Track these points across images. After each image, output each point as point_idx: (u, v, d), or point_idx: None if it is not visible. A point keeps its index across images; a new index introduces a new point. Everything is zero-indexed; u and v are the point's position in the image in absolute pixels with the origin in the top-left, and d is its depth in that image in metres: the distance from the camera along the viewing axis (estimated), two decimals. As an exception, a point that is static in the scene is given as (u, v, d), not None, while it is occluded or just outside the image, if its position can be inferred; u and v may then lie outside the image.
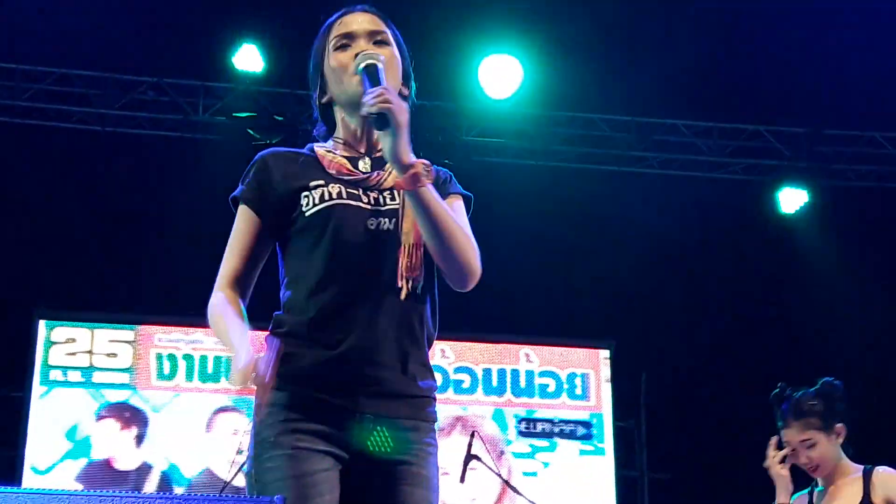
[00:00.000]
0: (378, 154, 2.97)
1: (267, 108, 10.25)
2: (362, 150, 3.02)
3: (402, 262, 2.85)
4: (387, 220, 2.88)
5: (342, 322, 2.83)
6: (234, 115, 10.24)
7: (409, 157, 2.77)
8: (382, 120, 2.74)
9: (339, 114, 3.07)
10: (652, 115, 10.94)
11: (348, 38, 2.99)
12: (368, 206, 2.89)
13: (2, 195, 10.27)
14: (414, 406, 2.89)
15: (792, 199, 11.01)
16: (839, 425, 4.85)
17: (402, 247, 2.85)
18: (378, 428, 2.83)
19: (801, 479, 4.98)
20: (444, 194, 3.01)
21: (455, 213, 2.96)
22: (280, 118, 10.14)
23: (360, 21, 3.02)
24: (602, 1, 9.57)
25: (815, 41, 9.91)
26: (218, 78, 10.39)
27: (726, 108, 10.94)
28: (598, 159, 11.08)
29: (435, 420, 2.97)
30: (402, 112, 2.75)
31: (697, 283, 11.19)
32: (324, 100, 3.08)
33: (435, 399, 2.99)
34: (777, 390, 5.04)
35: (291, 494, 2.71)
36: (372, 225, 2.87)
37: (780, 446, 4.93)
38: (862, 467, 4.82)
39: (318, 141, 3.11)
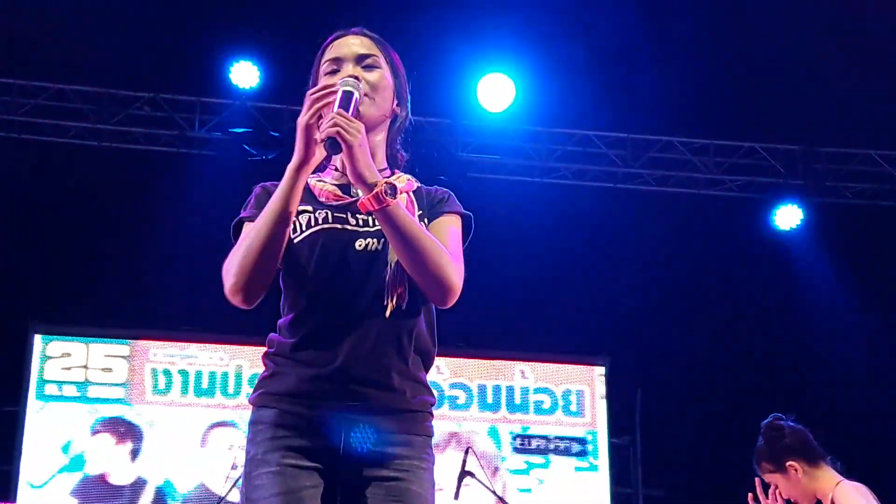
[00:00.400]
0: None
1: (263, 123, 10.27)
2: None
3: (388, 279, 2.86)
4: (374, 240, 2.90)
5: (330, 341, 2.85)
6: (230, 130, 10.26)
7: (372, 177, 2.78)
8: (332, 144, 2.76)
9: None
10: (647, 132, 10.96)
11: (337, 63, 3.02)
12: (356, 228, 2.92)
13: (-3, 209, 10.30)
14: (405, 421, 2.89)
15: (787, 217, 11.02)
16: (790, 463, 4.86)
17: (388, 265, 2.87)
18: (365, 439, 2.84)
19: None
20: (439, 213, 3.04)
21: (445, 231, 2.99)
22: (276, 134, 10.16)
23: (350, 44, 3.04)
24: (597, 18, 9.60)
25: (810, 58, 9.94)
26: (214, 94, 10.42)
27: (722, 125, 10.95)
28: (593, 176, 11.10)
29: (430, 435, 2.97)
30: (353, 134, 2.75)
31: (692, 300, 11.20)
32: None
33: (431, 414, 2.99)
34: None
35: None
36: (360, 246, 2.88)
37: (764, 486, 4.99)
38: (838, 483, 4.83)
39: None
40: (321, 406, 2.82)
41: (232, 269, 2.81)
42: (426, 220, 3.00)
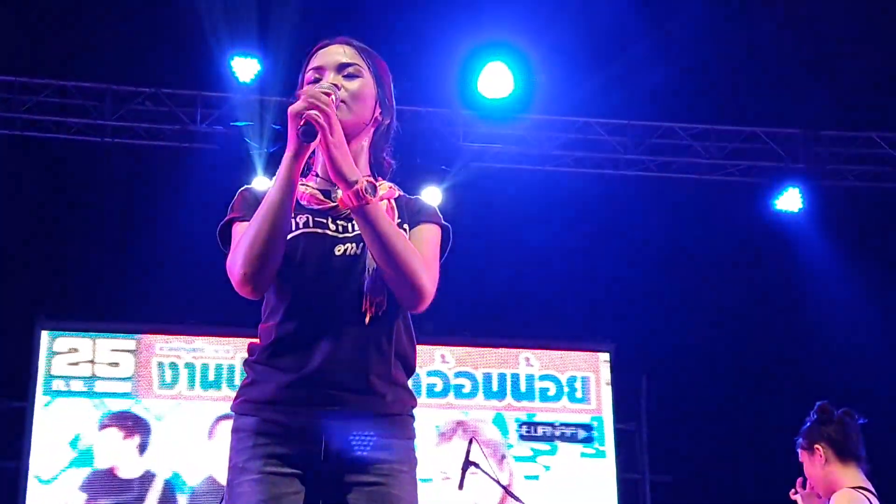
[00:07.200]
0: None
1: (264, 116, 10.27)
2: None
3: (367, 286, 2.88)
4: (353, 245, 2.92)
5: (306, 347, 2.86)
6: (231, 123, 10.27)
7: (352, 175, 2.81)
8: (307, 131, 2.79)
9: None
10: (648, 118, 10.97)
11: (319, 72, 3.06)
12: (336, 234, 2.94)
13: (2, 207, 10.31)
14: (385, 425, 2.91)
15: (789, 201, 11.02)
16: (818, 446, 4.90)
17: (367, 271, 2.89)
18: (345, 444, 2.85)
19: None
20: (418, 221, 3.06)
21: (422, 238, 3.01)
22: (277, 126, 10.17)
23: (332, 53, 3.08)
24: (596, 4, 9.60)
25: (809, 41, 9.94)
26: (215, 87, 10.43)
27: (722, 110, 10.96)
28: (594, 163, 11.11)
29: (411, 437, 2.98)
30: (327, 104, 2.80)
31: (696, 286, 11.21)
32: None
33: (412, 416, 3.01)
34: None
35: None
36: (339, 251, 2.90)
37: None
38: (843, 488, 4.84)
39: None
40: (300, 412, 2.84)
41: (238, 259, 2.82)
42: (406, 228, 3.01)
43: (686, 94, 10.47)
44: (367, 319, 2.87)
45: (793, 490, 5.07)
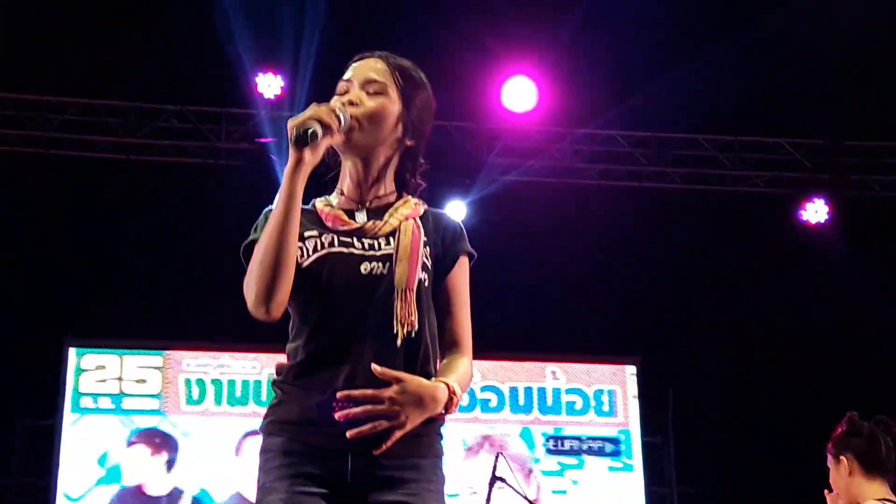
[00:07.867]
0: (374, 203, 3.03)
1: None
2: (360, 199, 3.05)
3: (398, 307, 2.87)
4: (379, 264, 2.90)
5: (332, 366, 2.85)
6: (256, 140, 10.31)
7: (439, 404, 2.90)
8: (298, 138, 2.78)
9: (341, 158, 3.10)
10: (671, 130, 10.96)
11: (348, 84, 3.03)
12: (363, 252, 2.92)
13: (29, 225, 10.37)
14: (411, 444, 2.87)
15: (815, 212, 11.00)
16: (844, 457, 4.89)
17: (396, 291, 2.88)
18: (371, 464, 2.83)
19: None
20: (457, 252, 3.07)
21: (463, 301, 3.10)
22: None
23: (364, 67, 3.05)
24: (619, 17, 9.61)
25: (832, 52, 9.92)
26: (240, 104, 10.47)
27: (746, 120, 10.94)
28: (619, 176, 11.11)
29: (439, 455, 2.96)
30: (328, 115, 2.84)
31: (722, 297, 11.18)
32: None
33: (439, 435, 2.99)
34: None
35: None
36: (365, 269, 2.88)
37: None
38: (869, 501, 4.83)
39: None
40: (325, 432, 2.82)
41: (251, 282, 2.81)
42: (428, 251, 3.00)
43: (710, 105, 10.45)
44: (398, 341, 2.86)
45: (827, 489, 5.06)
